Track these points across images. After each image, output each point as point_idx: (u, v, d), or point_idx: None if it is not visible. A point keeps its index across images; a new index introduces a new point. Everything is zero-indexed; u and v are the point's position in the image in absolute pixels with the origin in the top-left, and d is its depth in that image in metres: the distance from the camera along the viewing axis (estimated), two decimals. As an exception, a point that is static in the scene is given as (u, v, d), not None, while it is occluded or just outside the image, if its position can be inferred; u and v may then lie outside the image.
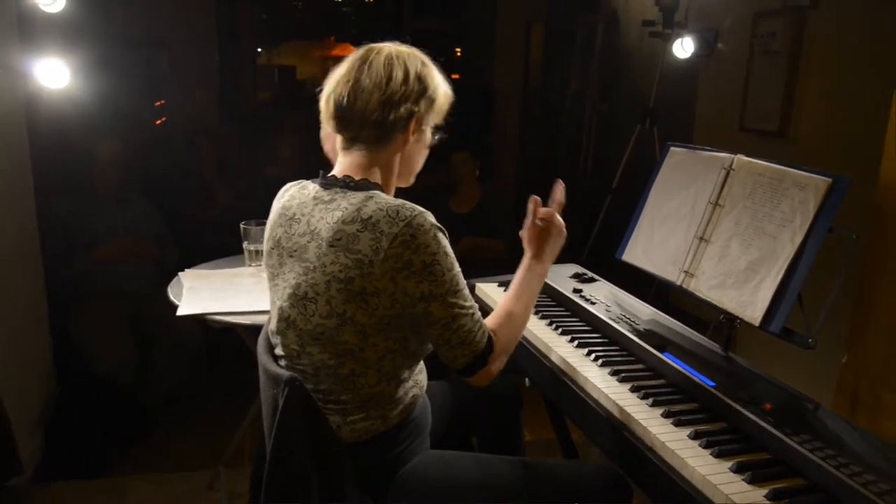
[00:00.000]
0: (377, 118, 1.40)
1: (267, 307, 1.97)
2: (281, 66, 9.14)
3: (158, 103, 4.73)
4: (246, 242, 2.42)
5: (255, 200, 3.33)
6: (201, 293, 2.19)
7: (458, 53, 8.17)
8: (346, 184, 1.43)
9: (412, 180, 1.57)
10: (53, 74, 2.73)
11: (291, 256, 1.43)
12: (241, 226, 2.41)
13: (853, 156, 2.49)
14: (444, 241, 1.36)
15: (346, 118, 1.42)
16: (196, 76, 4.98)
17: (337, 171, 1.47)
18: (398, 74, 1.41)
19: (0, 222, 2.68)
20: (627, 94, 4.34)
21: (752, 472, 1.22)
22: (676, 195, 1.87)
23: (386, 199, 1.37)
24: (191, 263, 2.51)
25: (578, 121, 4.67)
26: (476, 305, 1.43)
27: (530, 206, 1.63)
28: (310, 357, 1.41)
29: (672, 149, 1.96)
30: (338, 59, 1.46)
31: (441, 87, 1.47)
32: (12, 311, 2.77)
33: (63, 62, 2.71)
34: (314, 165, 3.90)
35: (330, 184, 1.45)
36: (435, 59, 1.51)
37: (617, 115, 4.45)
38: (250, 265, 2.43)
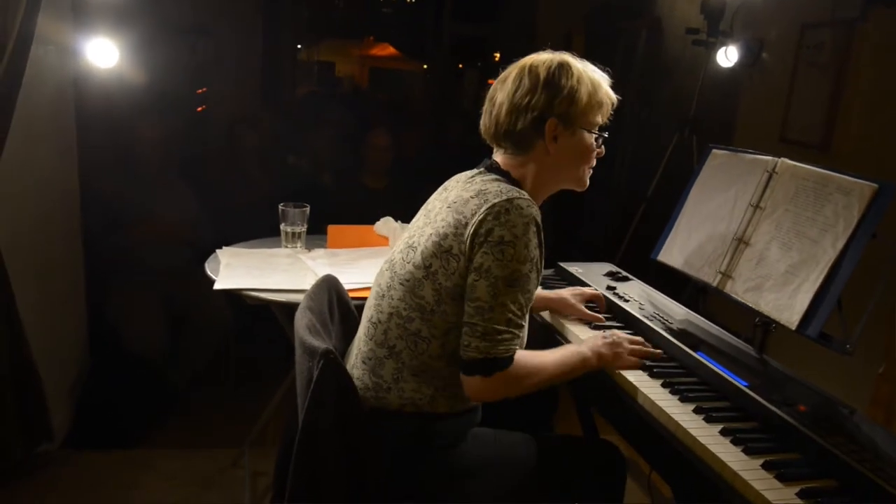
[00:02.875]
0: (507, 129, 1.50)
1: (303, 286, 2.02)
2: (321, 62, 9.28)
3: (200, 90, 4.81)
4: (283, 224, 2.45)
5: (289, 187, 3.39)
6: (238, 270, 2.22)
7: (497, 58, 8.18)
8: (493, 169, 1.52)
9: (583, 179, 1.60)
10: (103, 54, 2.80)
11: (425, 216, 1.53)
12: (280, 207, 2.45)
13: (896, 172, 2.46)
14: (533, 238, 1.38)
15: (486, 133, 1.56)
16: (238, 66, 5.05)
17: (497, 158, 1.56)
18: (525, 83, 1.49)
19: (44, 196, 2.74)
20: (667, 102, 4.31)
21: (784, 471, 1.21)
22: (716, 197, 1.86)
23: (511, 186, 1.44)
24: (226, 244, 2.54)
25: (617, 127, 4.64)
26: (525, 326, 1.42)
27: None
28: (390, 300, 1.47)
29: (714, 151, 1.95)
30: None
31: (584, 86, 1.49)
32: (52, 283, 2.83)
33: (113, 43, 2.78)
34: (348, 158, 3.94)
35: (482, 165, 1.55)
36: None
37: (656, 122, 4.42)
38: (286, 246, 2.46)
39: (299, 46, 7.36)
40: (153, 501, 2.42)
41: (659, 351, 1.64)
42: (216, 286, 2.09)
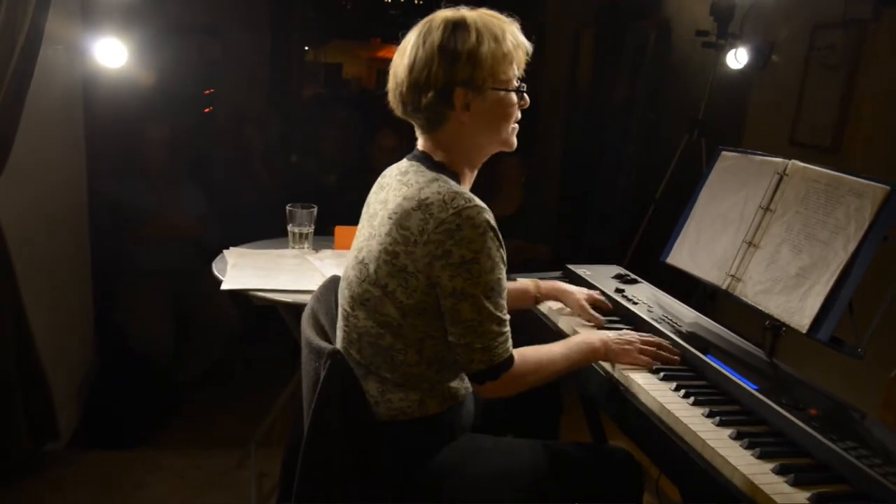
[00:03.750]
0: (414, 106, 1.41)
1: (309, 287, 2.01)
2: (328, 63, 9.29)
3: (208, 91, 4.81)
4: (291, 224, 2.45)
5: (296, 188, 3.39)
6: (245, 270, 2.22)
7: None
8: (423, 160, 1.45)
9: (508, 140, 1.49)
10: (111, 54, 2.80)
11: (368, 221, 1.48)
12: (287, 208, 2.45)
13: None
14: (492, 243, 1.33)
15: (396, 111, 1.47)
16: (246, 67, 5.06)
17: (419, 144, 1.49)
18: (420, 55, 1.38)
19: (52, 196, 2.74)
20: (676, 105, 4.29)
21: (795, 475, 1.19)
22: (726, 199, 1.85)
23: (450, 185, 1.36)
24: (233, 245, 2.54)
25: (624, 129, 4.65)
26: (508, 318, 1.39)
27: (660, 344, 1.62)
28: (356, 320, 1.44)
29: (724, 153, 1.94)
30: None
31: (486, 45, 1.37)
32: (59, 283, 2.84)
33: (121, 43, 2.79)
34: (356, 158, 3.94)
35: (412, 157, 1.48)
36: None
37: (664, 125, 4.40)
38: (294, 247, 2.46)
39: (306, 48, 7.37)
40: (159, 501, 2.42)
41: (677, 357, 1.61)
42: (223, 286, 2.09)
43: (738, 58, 3.41)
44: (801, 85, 3.16)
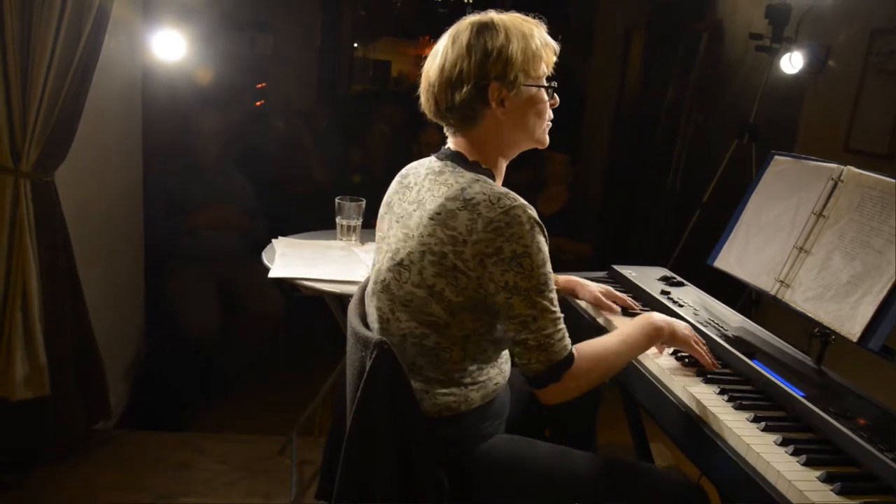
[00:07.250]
0: (447, 104, 1.43)
1: (356, 278, 2.04)
2: (377, 60, 9.37)
3: (260, 85, 4.90)
4: (339, 217, 2.48)
5: (345, 183, 3.44)
6: (293, 259, 2.26)
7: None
8: (458, 160, 1.45)
9: (542, 138, 1.51)
10: (170, 46, 2.88)
11: (398, 222, 1.47)
12: (336, 200, 2.48)
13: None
14: (540, 238, 1.35)
15: (429, 112, 1.48)
16: (296, 62, 5.13)
17: (450, 144, 1.50)
18: (450, 55, 1.41)
19: (110, 183, 2.82)
20: (726, 108, 4.23)
21: (842, 484, 1.17)
22: (778, 204, 1.83)
23: (492, 185, 1.38)
24: (282, 235, 2.58)
25: (673, 131, 4.59)
26: (562, 315, 1.39)
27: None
28: (398, 323, 1.44)
29: (776, 157, 1.91)
30: None
31: (515, 42, 1.39)
32: (114, 268, 2.92)
33: (179, 36, 2.86)
34: (403, 153, 3.98)
35: (443, 156, 1.48)
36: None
37: (713, 128, 4.35)
38: (341, 239, 2.49)
39: (356, 45, 7.44)
40: (201, 482, 2.48)
41: (717, 363, 1.60)
42: (271, 274, 2.13)
43: (792, 62, 3.35)
44: (858, 91, 3.09)
